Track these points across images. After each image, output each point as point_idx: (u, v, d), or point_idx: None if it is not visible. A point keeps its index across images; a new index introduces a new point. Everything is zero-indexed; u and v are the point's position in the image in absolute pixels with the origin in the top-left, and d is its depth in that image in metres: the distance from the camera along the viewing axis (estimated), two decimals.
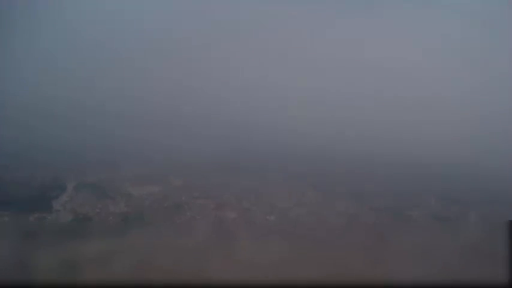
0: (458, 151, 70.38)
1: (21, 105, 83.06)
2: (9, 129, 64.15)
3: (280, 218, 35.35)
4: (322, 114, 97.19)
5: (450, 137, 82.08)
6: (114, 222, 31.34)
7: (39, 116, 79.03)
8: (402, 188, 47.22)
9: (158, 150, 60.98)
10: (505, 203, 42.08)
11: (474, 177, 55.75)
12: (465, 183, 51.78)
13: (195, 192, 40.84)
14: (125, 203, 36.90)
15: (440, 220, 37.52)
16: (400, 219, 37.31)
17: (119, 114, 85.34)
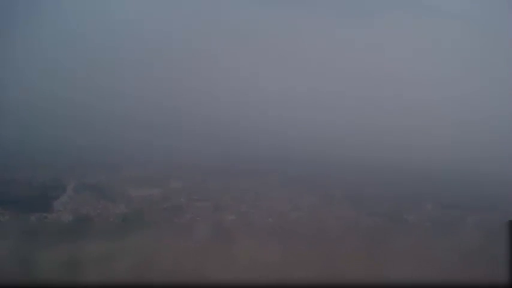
0: (455, 156, 70.68)
1: (21, 106, 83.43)
2: (9, 129, 64.46)
3: (278, 221, 35.58)
4: (320, 118, 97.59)
5: (448, 142, 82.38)
6: (114, 223, 31.56)
7: (39, 117, 79.40)
8: (400, 193, 47.37)
9: (158, 153, 61.28)
10: (502, 208, 42.24)
11: (471, 182, 55.91)
12: (463, 188, 51.94)
13: (195, 195, 41.06)
14: (125, 204, 37.15)
15: (438, 224, 37.65)
16: (398, 224, 37.47)
17: (120, 117, 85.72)
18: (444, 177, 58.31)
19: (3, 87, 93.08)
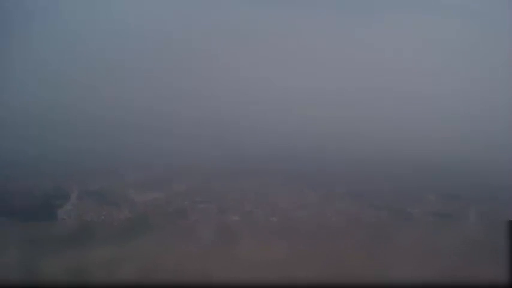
0: (458, 148, 70.71)
1: (22, 115, 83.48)
2: (10, 139, 64.47)
3: (282, 219, 35.68)
4: (320, 115, 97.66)
5: (449, 134, 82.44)
6: (119, 229, 31.63)
7: (40, 126, 79.34)
8: (402, 186, 47.55)
9: (160, 157, 61.33)
10: (504, 200, 42.35)
11: (474, 174, 55.97)
12: (465, 180, 51.99)
13: (198, 197, 41.20)
14: (128, 209, 37.23)
15: (441, 216, 37.75)
16: (401, 217, 37.59)
17: (120, 122, 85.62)
18: (445, 169, 58.42)
19: (2, 95, 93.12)
